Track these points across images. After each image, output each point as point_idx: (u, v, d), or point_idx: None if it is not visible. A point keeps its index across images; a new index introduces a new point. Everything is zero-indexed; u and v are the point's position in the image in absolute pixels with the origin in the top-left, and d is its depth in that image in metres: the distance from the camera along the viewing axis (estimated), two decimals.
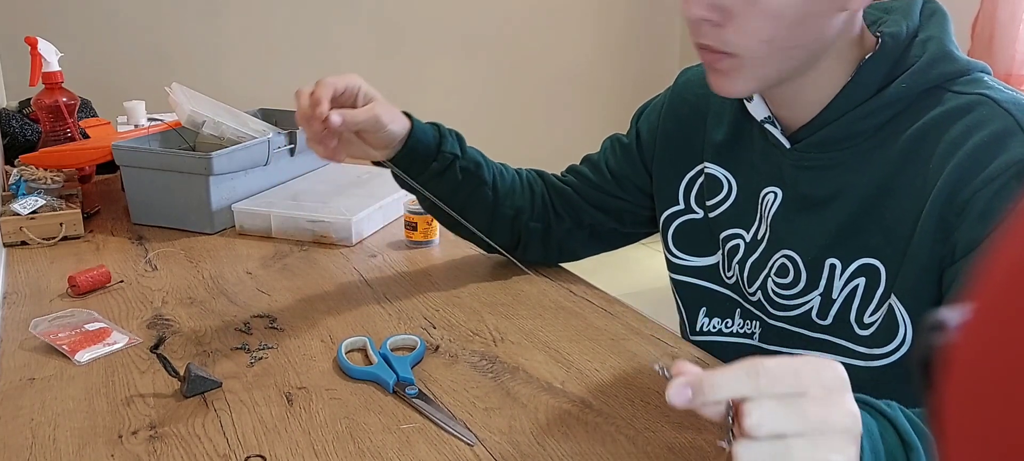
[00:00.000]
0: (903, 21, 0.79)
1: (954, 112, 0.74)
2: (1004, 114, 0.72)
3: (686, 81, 0.99)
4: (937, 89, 0.76)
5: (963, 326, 0.23)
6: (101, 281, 1.10)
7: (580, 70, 3.47)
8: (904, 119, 0.77)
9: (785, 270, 0.86)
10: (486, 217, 1.05)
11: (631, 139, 1.03)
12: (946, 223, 0.72)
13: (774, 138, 0.85)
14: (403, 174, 1.00)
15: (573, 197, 1.06)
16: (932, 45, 0.77)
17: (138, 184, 1.36)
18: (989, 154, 0.70)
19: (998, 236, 0.22)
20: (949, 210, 0.71)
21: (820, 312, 0.83)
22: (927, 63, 0.76)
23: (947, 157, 0.72)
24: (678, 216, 0.97)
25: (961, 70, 0.77)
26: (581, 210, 1.06)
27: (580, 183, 1.07)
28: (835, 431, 0.47)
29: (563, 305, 1.03)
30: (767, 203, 0.87)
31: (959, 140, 0.72)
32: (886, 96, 0.77)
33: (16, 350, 0.93)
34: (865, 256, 0.79)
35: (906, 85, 0.76)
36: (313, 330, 0.97)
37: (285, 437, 0.75)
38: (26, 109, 1.70)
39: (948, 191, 0.71)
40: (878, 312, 0.79)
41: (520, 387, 0.83)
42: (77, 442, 0.75)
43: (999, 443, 0.20)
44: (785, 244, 0.85)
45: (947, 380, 0.23)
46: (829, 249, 0.81)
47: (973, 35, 2.40)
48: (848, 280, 0.81)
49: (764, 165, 0.87)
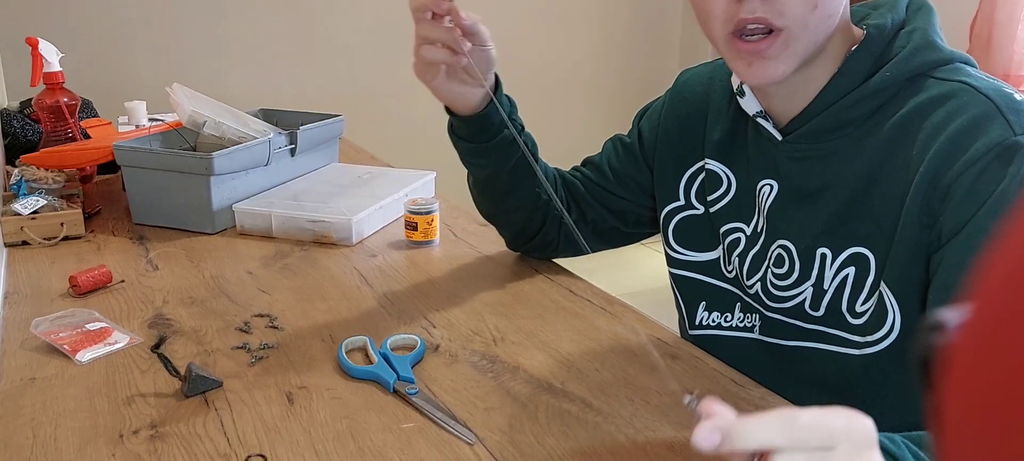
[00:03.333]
0: (889, 14, 0.81)
1: (936, 99, 0.76)
2: (984, 99, 0.73)
3: (686, 82, 1.01)
4: (920, 77, 0.78)
5: (963, 326, 0.23)
6: (102, 281, 1.10)
7: (581, 71, 3.47)
8: (889, 107, 0.79)
9: (781, 261, 0.87)
10: (531, 198, 1.05)
11: (633, 138, 1.04)
12: (930, 208, 0.73)
13: (767, 132, 0.86)
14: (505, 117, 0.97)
15: (580, 190, 1.07)
16: (916, 35, 0.79)
17: (139, 184, 1.36)
18: (969, 138, 0.72)
19: (998, 236, 0.22)
20: (933, 195, 0.73)
21: (812, 303, 0.84)
22: (911, 52, 0.78)
23: (929, 143, 0.74)
24: (679, 212, 0.98)
25: (944, 59, 0.78)
26: (585, 204, 1.07)
27: (585, 179, 1.07)
28: None
29: (563, 305, 1.03)
30: (763, 195, 0.88)
31: (940, 125, 0.74)
32: (871, 85, 0.78)
33: (17, 350, 0.93)
34: (855, 245, 0.80)
35: (890, 74, 0.78)
36: (313, 330, 0.97)
37: (286, 436, 0.75)
38: (27, 109, 1.70)
39: (930, 176, 0.73)
40: (869, 301, 0.80)
41: (520, 387, 0.84)
42: (78, 441, 0.75)
43: (999, 443, 0.20)
44: (781, 235, 0.87)
45: (946, 380, 0.23)
46: (820, 238, 0.83)
47: (971, 35, 2.40)
48: (838, 269, 0.82)
49: (759, 159, 0.89)
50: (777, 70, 0.77)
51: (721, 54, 0.81)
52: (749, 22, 0.75)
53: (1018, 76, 2.34)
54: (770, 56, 0.76)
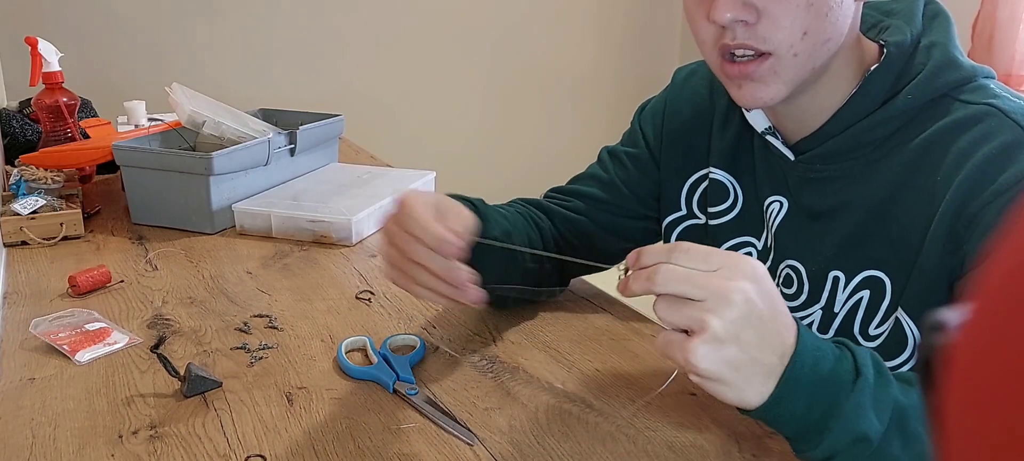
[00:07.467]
0: (907, 27, 0.77)
1: (962, 123, 0.73)
2: (1013, 125, 0.71)
3: (685, 79, 0.97)
4: (944, 98, 0.75)
5: (963, 326, 0.23)
6: (101, 281, 1.10)
7: (581, 72, 3.47)
8: (910, 129, 0.76)
9: (790, 281, 0.85)
10: (517, 278, 0.92)
11: (637, 140, 0.99)
12: (955, 235, 0.71)
13: (777, 149, 0.84)
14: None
15: (585, 225, 0.99)
16: (936, 52, 0.76)
17: (138, 184, 1.36)
18: (998, 167, 0.69)
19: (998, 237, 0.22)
20: (958, 223, 0.70)
21: (821, 327, 0.82)
22: (932, 72, 0.75)
23: (956, 169, 0.72)
24: (681, 221, 0.96)
25: (966, 77, 0.76)
26: (594, 236, 0.99)
27: (590, 208, 0.99)
28: (732, 303, 0.57)
29: (563, 305, 1.03)
30: (772, 213, 0.86)
31: (967, 152, 0.71)
32: (892, 108, 0.76)
33: (16, 350, 0.93)
34: (870, 268, 0.78)
35: (912, 96, 0.75)
36: (313, 330, 0.97)
37: (285, 437, 0.75)
38: (26, 109, 1.70)
39: (957, 204, 0.70)
40: (883, 325, 0.78)
41: (520, 387, 0.83)
42: (77, 442, 0.75)
43: (1000, 443, 0.20)
44: (790, 255, 0.84)
45: (947, 380, 0.23)
46: (834, 261, 0.81)
47: (973, 35, 2.40)
48: (852, 293, 0.80)
49: (768, 174, 0.86)
50: (767, 93, 0.75)
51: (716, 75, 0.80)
52: (734, 48, 0.73)
53: (1020, 76, 2.34)
54: (758, 78, 0.74)
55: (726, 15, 0.71)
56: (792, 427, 0.62)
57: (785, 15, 0.71)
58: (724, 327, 0.57)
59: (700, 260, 0.59)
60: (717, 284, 0.58)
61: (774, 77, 0.74)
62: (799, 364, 0.60)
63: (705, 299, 0.58)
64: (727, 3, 0.71)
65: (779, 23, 0.71)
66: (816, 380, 0.60)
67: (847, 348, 0.63)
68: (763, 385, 0.60)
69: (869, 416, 0.60)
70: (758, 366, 0.59)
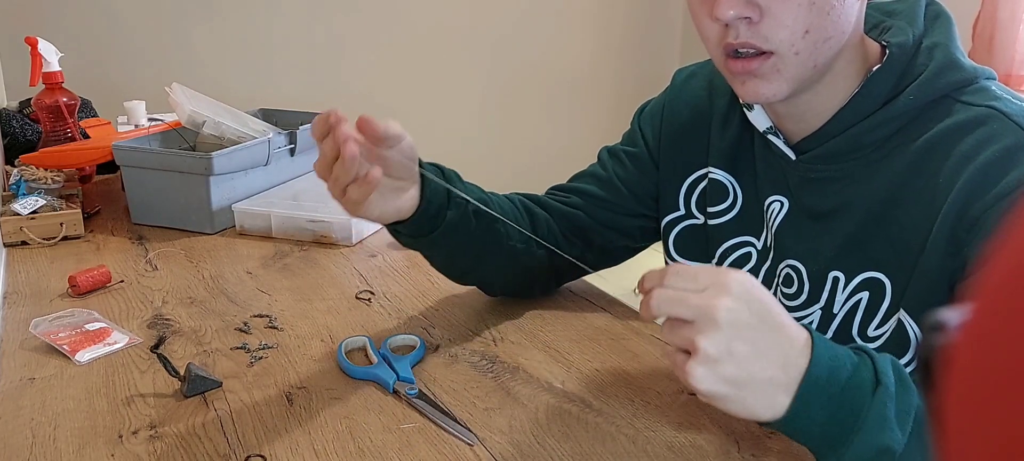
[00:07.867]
0: (909, 28, 0.77)
1: (964, 125, 0.73)
2: (1015, 127, 0.71)
3: (685, 80, 0.97)
4: (945, 99, 0.75)
5: (963, 326, 0.23)
6: (101, 281, 1.10)
7: (581, 72, 3.47)
8: (911, 130, 0.76)
9: (790, 281, 0.85)
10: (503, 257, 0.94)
11: (637, 140, 0.99)
12: (957, 238, 0.71)
13: (778, 149, 0.84)
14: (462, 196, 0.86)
15: (583, 220, 0.98)
16: (938, 53, 0.76)
17: (138, 184, 1.36)
18: (1000, 170, 0.69)
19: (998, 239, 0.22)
20: (960, 226, 0.70)
21: (820, 327, 0.82)
22: (934, 72, 0.75)
23: (958, 172, 0.72)
24: (679, 221, 0.95)
25: (968, 78, 0.76)
26: (591, 231, 0.99)
27: (588, 204, 0.99)
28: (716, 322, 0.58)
29: (563, 305, 1.03)
30: (772, 212, 0.86)
31: (970, 155, 0.71)
32: (893, 108, 0.76)
33: (16, 350, 0.93)
34: (870, 269, 0.78)
35: (913, 97, 0.75)
36: (313, 330, 0.97)
37: (285, 437, 0.75)
38: (26, 109, 1.70)
39: (959, 207, 0.70)
40: (883, 326, 0.78)
41: (520, 387, 0.83)
42: (77, 442, 0.75)
43: (1000, 443, 0.20)
44: (790, 255, 0.84)
45: (948, 380, 0.23)
46: (834, 262, 0.80)
47: (974, 35, 2.40)
48: (851, 294, 0.80)
49: (768, 173, 0.86)
50: (770, 90, 0.75)
51: (721, 73, 0.80)
52: (737, 46, 0.74)
53: (1020, 76, 2.34)
54: (761, 75, 0.74)
55: (729, 13, 0.72)
56: (813, 439, 0.62)
57: (787, 13, 0.71)
58: (714, 346, 0.58)
59: (689, 280, 0.60)
60: (704, 304, 0.59)
61: (776, 75, 0.74)
62: (814, 375, 0.59)
63: (695, 320, 0.59)
64: (730, 0, 0.71)
65: (781, 21, 0.71)
66: (834, 391, 0.60)
67: (867, 355, 0.63)
68: (772, 398, 0.60)
69: (891, 426, 0.59)
70: (759, 379, 0.59)
